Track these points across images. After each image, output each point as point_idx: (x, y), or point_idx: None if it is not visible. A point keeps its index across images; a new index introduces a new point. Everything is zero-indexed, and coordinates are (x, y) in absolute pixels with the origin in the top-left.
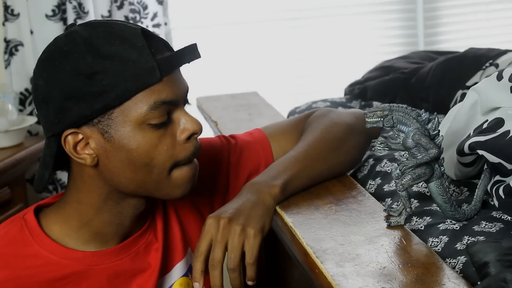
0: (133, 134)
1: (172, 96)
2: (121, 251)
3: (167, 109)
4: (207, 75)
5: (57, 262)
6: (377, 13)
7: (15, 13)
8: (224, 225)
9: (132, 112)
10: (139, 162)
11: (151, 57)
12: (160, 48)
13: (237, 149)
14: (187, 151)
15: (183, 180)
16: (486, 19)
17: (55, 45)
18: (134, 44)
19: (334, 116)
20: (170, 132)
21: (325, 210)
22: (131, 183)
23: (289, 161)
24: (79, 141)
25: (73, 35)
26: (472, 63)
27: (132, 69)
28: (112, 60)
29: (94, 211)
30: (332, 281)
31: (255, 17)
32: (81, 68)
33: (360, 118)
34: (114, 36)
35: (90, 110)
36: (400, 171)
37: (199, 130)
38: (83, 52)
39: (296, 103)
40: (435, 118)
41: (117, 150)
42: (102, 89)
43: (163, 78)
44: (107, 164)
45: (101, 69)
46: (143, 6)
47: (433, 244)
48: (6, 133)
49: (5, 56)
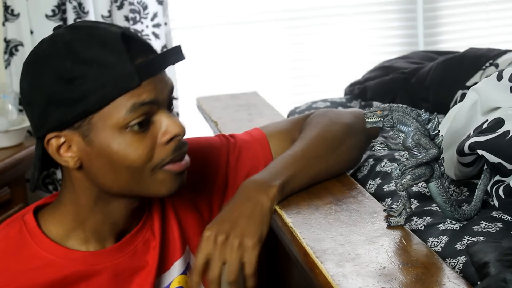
0: (113, 138)
1: (152, 97)
2: (119, 250)
3: (146, 110)
4: (207, 75)
5: (57, 263)
6: (377, 13)
7: (15, 13)
8: (222, 242)
9: (111, 117)
10: (119, 165)
11: (129, 62)
12: (141, 51)
13: (236, 148)
14: (167, 152)
15: (167, 179)
16: (486, 19)
17: (39, 48)
18: (113, 48)
19: (333, 115)
20: (151, 135)
21: (325, 210)
22: (115, 184)
23: (287, 160)
24: (62, 144)
25: (56, 38)
26: (472, 63)
27: (110, 74)
28: (91, 65)
29: (86, 212)
30: (332, 281)
31: (255, 17)
32: (61, 72)
33: (359, 118)
34: (94, 41)
35: (70, 115)
36: (400, 171)
37: (181, 133)
38: (63, 56)
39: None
40: (435, 118)
41: (98, 153)
42: (82, 94)
43: (142, 82)
44: (90, 167)
45: (80, 74)
46: (143, 6)
47: (433, 244)
48: (6, 133)
49: (5, 56)
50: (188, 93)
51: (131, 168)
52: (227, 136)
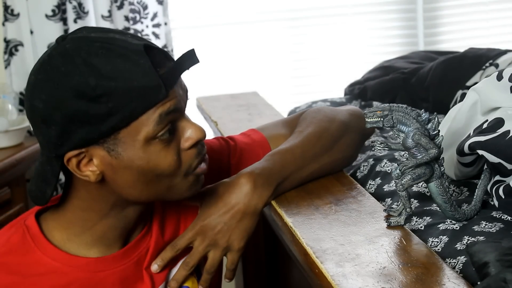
0: (143, 151)
1: (175, 105)
2: (124, 256)
3: (171, 119)
4: (207, 75)
5: (60, 269)
6: (377, 13)
7: (15, 13)
8: (210, 243)
9: (140, 131)
10: (149, 175)
11: (155, 75)
12: (161, 61)
13: (236, 151)
14: (192, 158)
15: (194, 181)
16: (486, 19)
17: (51, 65)
18: (136, 62)
19: (328, 112)
20: (176, 141)
21: (325, 210)
22: (143, 194)
23: (286, 158)
24: (82, 159)
25: (69, 53)
26: (472, 63)
27: (137, 89)
28: (116, 81)
29: (98, 217)
30: (332, 281)
31: (255, 17)
32: (84, 90)
33: (355, 115)
34: (114, 54)
35: (96, 133)
36: (400, 171)
37: (202, 137)
38: (84, 73)
39: (296, 103)
40: (435, 118)
41: (126, 167)
42: (108, 112)
43: (168, 92)
44: (116, 179)
45: (105, 91)
46: (143, 6)
47: (433, 244)
48: (6, 133)
49: (5, 56)
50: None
51: (161, 176)
52: (226, 138)
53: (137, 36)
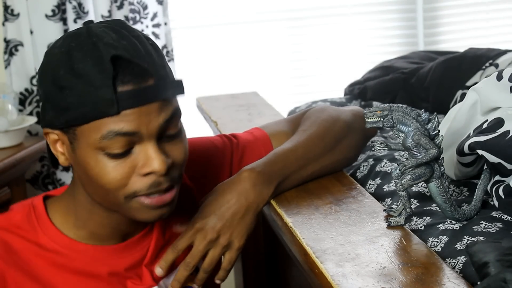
0: (90, 156)
1: (131, 128)
2: (123, 250)
3: (125, 141)
4: (207, 75)
5: (59, 252)
6: (377, 13)
7: (15, 13)
8: (211, 240)
9: (89, 136)
10: (94, 182)
11: (111, 88)
12: (133, 78)
13: (239, 148)
14: (142, 185)
15: (141, 209)
16: (486, 19)
17: (56, 42)
18: (103, 69)
19: (332, 112)
20: (131, 162)
21: (325, 210)
22: (95, 196)
23: (288, 157)
24: (58, 140)
25: (68, 38)
26: (472, 63)
27: (92, 95)
28: (79, 80)
29: (86, 212)
30: (332, 281)
31: (255, 17)
32: (55, 77)
33: (358, 116)
34: (92, 54)
35: (57, 120)
36: (400, 171)
37: (160, 171)
38: (61, 62)
39: (296, 103)
40: (435, 118)
41: (79, 163)
42: (67, 105)
43: (122, 112)
44: (77, 170)
45: (68, 85)
46: (143, 6)
47: (433, 244)
48: (6, 133)
49: (5, 56)
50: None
51: (105, 189)
52: (229, 136)
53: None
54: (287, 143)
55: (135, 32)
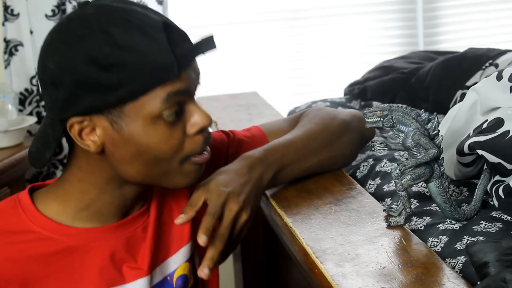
0: (145, 129)
1: (186, 86)
2: (117, 229)
3: (179, 100)
4: (207, 75)
5: (50, 238)
6: (377, 13)
7: (15, 13)
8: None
9: (145, 107)
10: (148, 155)
11: (170, 53)
12: (179, 41)
13: (235, 142)
14: (196, 145)
15: (192, 170)
16: (486, 19)
17: (68, 27)
18: (153, 37)
19: (330, 111)
20: (181, 125)
21: (325, 210)
22: (139, 174)
23: (287, 147)
24: (85, 127)
25: (88, 19)
26: (472, 63)
27: (150, 64)
28: (130, 53)
29: (95, 191)
30: (332, 281)
31: (255, 17)
32: (97, 57)
33: (357, 117)
34: (132, 26)
35: (102, 102)
36: (400, 171)
37: (209, 124)
38: (100, 40)
39: (296, 103)
40: (435, 118)
41: (126, 142)
42: (118, 82)
43: (181, 72)
44: (114, 153)
45: (118, 61)
46: None
47: (433, 244)
48: (6, 133)
49: (5, 56)
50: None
51: (160, 159)
52: (226, 131)
53: (158, 13)
54: (287, 136)
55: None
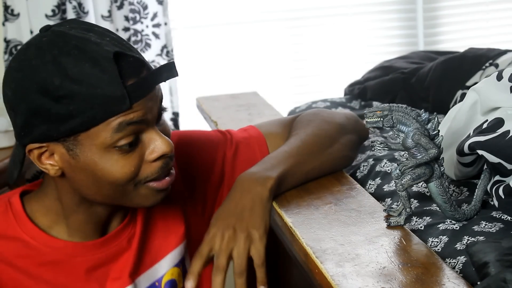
0: (99, 157)
1: (141, 117)
2: (103, 245)
3: (135, 130)
4: (207, 75)
5: (37, 249)
6: (377, 13)
7: (15, 13)
8: (230, 236)
9: (98, 137)
10: (103, 180)
11: (121, 85)
12: (133, 70)
13: (233, 143)
14: (154, 170)
15: (149, 194)
16: (486, 19)
17: (25, 55)
18: (104, 68)
19: (325, 115)
20: (139, 152)
21: (325, 210)
22: (98, 195)
23: (283, 155)
24: (44, 152)
25: (43, 47)
26: (472, 63)
27: (100, 97)
28: (80, 85)
29: (69, 211)
30: (332, 281)
31: (255, 17)
32: (48, 88)
33: (351, 119)
34: (85, 57)
35: (55, 131)
36: (400, 171)
37: (170, 151)
38: (52, 71)
39: (296, 103)
40: (435, 118)
41: (82, 168)
42: (68, 114)
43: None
44: (73, 177)
45: (68, 93)
46: (143, 6)
47: (433, 244)
48: (6, 133)
49: (5, 56)
50: (188, 93)
51: (115, 184)
52: (223, 131)
53: (118, 40)
54: (282, 147)
55: (99, 26)
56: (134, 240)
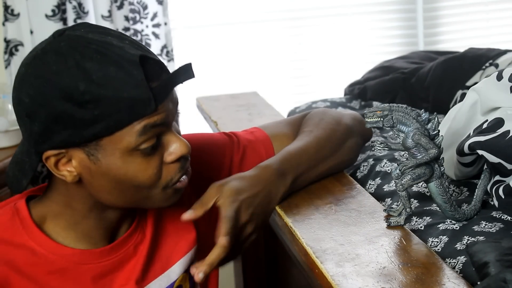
0: (122, 161)
1: (164, 119)
2: (110, 252)
3: (157, 132)
4: (207, 75)
5: (45, 256)
6: (377, 13)
7: (15, 13)
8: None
9: (122, 141)
10: (126, 185)
11: (147, 88)
12: (155, 73)
13: (240, 147)
14: (174, 172)
15: (173, 195)
16: (486, 19)
17: (42, 60)
18: (129, 72)
19: (335, 115)
20: (159, 154)
21: (325, 210)
22: (119, 200)
23: (301, 156)
24: (61, 158)
25: (63, 52)
26: (472, 63)
27: (126, 100)
28: (105, 89)
29: (79, 217)
30: (332, 281)
31: (255, 17)
32: (73, 94)
33: (357, 120)
34: (108, 61)
35: (78, 137)
36: (400, 171)
37: (187, 152)
38: (76, 76)
39: (296, 103)
40: (435, 118)
41: (104, 173)
42: (93, 118)
43: (158, 106)
44: (92, 183)
45: (93, 98)
46: (143, 6)
47: (433, 244)
48: (6, 133)
49: (5, 56)
50: (188, 93)
51: (139, 187)
52: (230, 134)
53: (136, 42)
54: (298, 142)
55: (113, 30)
56: (142, 247)
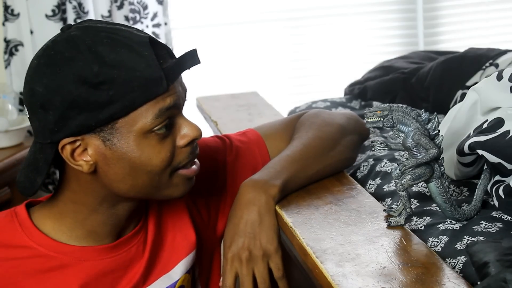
0: (137, 143)
1: (175, 100)
2: (113, 250)
3: (170, 114)
4: (207, 75)
5: (45, 255)
6: (377, 13)
7: (15, 13)
8: (247, 258)
9: (137, 122)
10: (141, 169)
11: (158, 67)
12: (164, 56)
13: (232, 149)
14: (185, 155)
15: (180, 183)
16: (486, 19)
17: (54, 50)
18: (141, 53)
19: (326, 116)
20: (171, 138)
21: (325, 210)
22: (132, 189)
23: (286, 160)
24: (77, 147)
25: (74, 40)
26: (472, 63)
27: (139, 79)
28: (118, 69)
29: (88, 212)
30: (332, 281)
31: (255, 17)
32: (87, 76)
33: (351, 119)
34: (119, 44)
35: (94, 120)
36: (400, 171)
37: (198, 136)
38: (89, 60)
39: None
40: (435, 118)
41: (119, 158)
42: (108, 100)
43: (169, 86)
44: (107, 171)
45: (107, 78)
46: (143, 6)
47: (433, 244)
48: (6, 133)
49: (5, 56)
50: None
51: (153, 172)
52: (222, 137)
53: (141, 31)
54: (285, 151)
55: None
56: (146, 247)
